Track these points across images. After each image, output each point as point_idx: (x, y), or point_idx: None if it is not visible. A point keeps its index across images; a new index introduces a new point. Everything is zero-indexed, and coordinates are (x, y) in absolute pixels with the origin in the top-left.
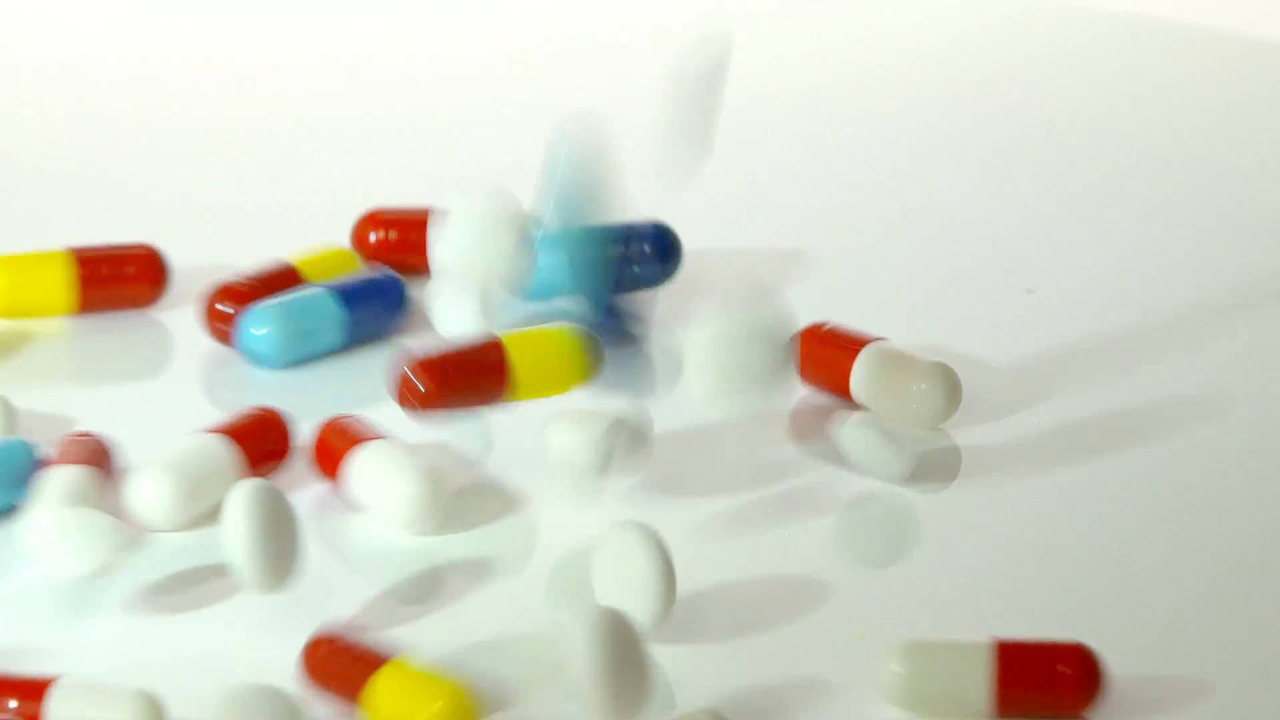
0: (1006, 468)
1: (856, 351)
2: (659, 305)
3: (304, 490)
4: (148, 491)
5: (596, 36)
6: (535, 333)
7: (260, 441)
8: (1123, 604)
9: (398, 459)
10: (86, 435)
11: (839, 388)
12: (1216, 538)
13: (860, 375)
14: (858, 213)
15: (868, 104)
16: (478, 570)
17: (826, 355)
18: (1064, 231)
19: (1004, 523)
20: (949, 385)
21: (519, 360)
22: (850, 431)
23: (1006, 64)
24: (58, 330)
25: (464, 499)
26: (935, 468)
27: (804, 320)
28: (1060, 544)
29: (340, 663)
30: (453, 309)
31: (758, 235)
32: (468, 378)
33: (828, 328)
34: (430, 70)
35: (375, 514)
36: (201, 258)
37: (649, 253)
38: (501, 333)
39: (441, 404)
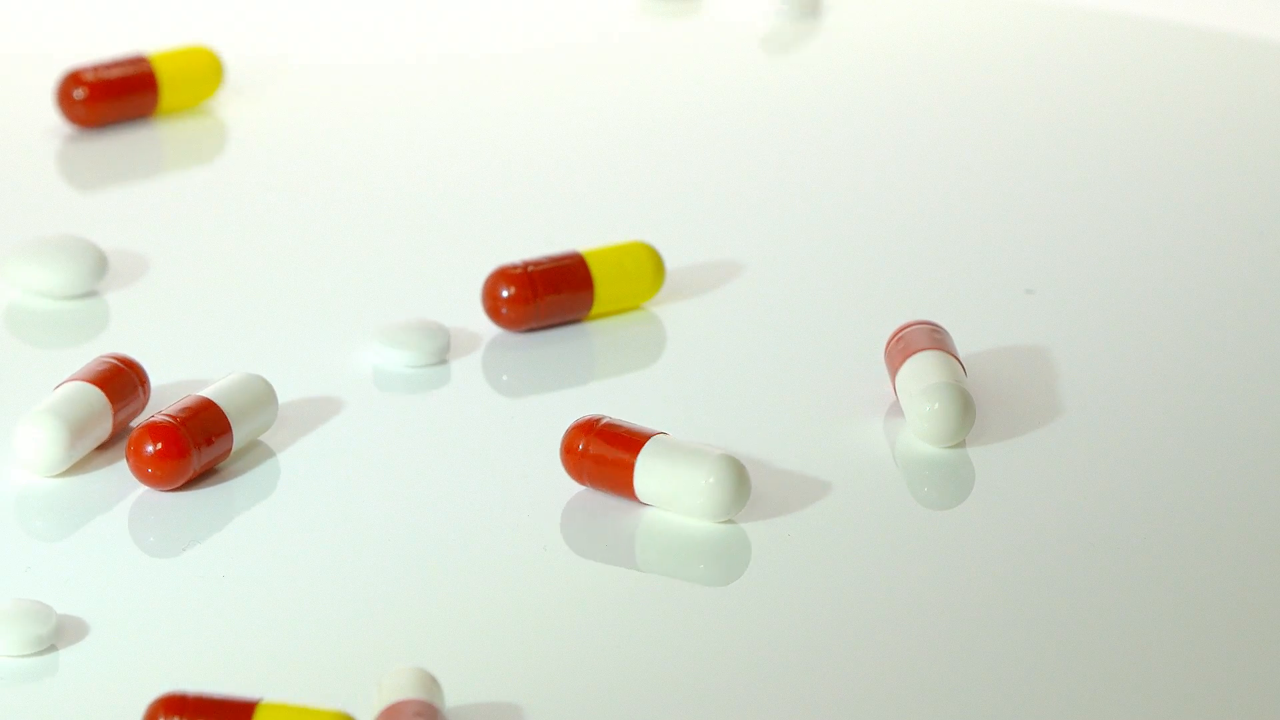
0: (1007, 465)
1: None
2: None
3: None
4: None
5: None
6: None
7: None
8: (1127, 608)
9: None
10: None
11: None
12: (1217, 536)
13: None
14: (858, 213)
15: (867, 104)
16: None
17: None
18: (1064, 231)
19: (1005, 521)
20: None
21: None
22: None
23: (1006, 64)
24: None
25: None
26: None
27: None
28: (1057, 543)
29: None
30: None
31: (756, 237)
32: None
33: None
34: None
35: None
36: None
37: None
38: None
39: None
